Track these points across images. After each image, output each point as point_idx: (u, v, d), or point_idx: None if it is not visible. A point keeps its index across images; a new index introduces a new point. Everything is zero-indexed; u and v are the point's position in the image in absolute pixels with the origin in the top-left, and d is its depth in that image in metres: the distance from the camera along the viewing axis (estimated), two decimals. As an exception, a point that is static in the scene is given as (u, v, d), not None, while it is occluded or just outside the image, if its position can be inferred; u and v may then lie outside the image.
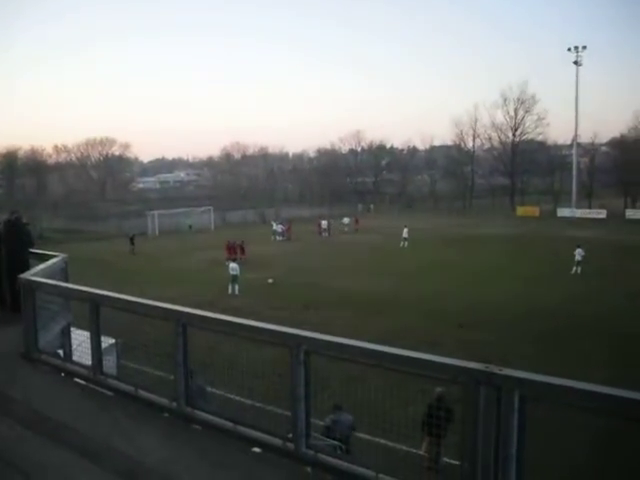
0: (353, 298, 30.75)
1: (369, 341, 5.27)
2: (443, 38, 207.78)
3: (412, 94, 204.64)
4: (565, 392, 4.07)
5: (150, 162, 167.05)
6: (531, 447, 4.40)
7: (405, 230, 52.68)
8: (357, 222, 67.97)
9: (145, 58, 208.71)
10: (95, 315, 7.56)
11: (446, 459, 9.31)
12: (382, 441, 6.36)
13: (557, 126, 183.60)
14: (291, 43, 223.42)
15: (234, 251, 43.39)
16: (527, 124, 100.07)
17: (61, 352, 9.39)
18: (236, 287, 33.64)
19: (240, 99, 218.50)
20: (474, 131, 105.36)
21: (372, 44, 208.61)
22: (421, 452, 10.45)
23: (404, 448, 8.28)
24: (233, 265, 34.50)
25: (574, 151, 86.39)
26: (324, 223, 64.52)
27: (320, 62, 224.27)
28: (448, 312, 27.26)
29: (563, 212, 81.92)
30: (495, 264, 40.51)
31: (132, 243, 53.19)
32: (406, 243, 51.79)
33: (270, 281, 35.67)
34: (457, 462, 4.84)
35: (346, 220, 68.78)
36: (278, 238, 60.04)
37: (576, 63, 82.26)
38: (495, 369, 4.29)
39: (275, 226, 62.56)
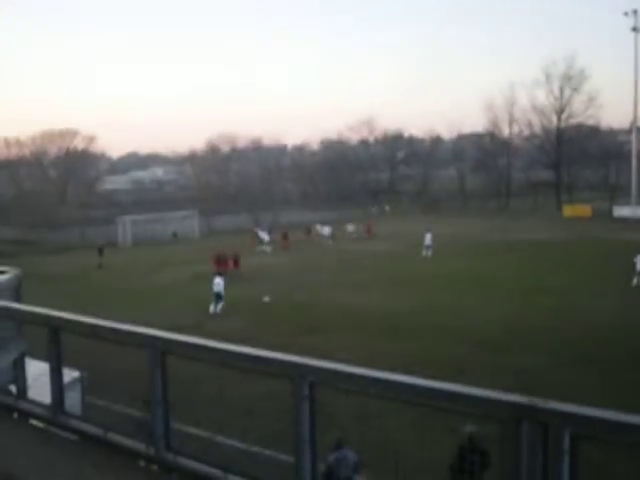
0: (362, 318, 30.78)
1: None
2: (469, 5, 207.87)
3: (435, 73, 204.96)
4: (628, 430, 4.03)
5: (120, 158, 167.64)
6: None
7: (428, 236, 52.68)
8: (369, 229, 67.78)
9: (112, 35, 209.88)
10: (55, 343, 7.49)
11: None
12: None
13: (612, 108, 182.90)
14: (288, 13, 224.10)
15: (225, 264, 43.50)
16: (575, 105, 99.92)
17: (13, 388, 9.35)
18: (219, 305, 34.01)
19: (228, 82, 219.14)
20: (510, 116, 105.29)
21: (385, 13, 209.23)
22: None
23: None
24: (217, 280, 34.72)
25: (633, 137, 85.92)
26: (326, 230, 64.78)
27: (323, 36, 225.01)
28: (481, 335, 27.24)
29: (621, 211, 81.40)
30: (538, 276, 40.42)
31: (100, 255, 53.31)
32: (429, 252, 51.86)
33: (266, 299, 35.78)
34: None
35: (350, 227, 68.70)
36: (266, 249, 60.47)
37: (635, 30, 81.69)
38: (540, 402, 4.24)
39: (261, 233, 62.95)
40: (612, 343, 25.53)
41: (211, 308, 34.01)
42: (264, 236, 62.47)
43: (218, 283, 34.53)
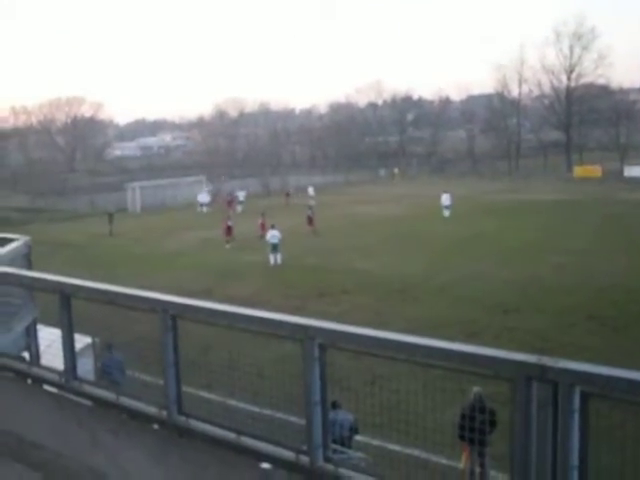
0: (375, 281, 30.82)
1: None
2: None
3: (442, 33, 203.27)
4: (638, 388, 4.03)
5: (128, 125, 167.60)
6: (597, 456, 4.38)
7: (445, 196, 52.93)
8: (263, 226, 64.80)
9: (116, 1, 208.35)
10: (66, 309, 7.51)
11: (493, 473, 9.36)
12: (415, 452, 6.35)
13: (623, 66, 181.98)
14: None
15: (228, 231, 43.49)
16: (585, 64, 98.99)
17: (27, 355, 9.41)
18: (278, 256, 36.16)
19: (235, 45, 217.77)
20: (520, 75, 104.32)
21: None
22: (460, 465, 10.49)
23: (443, 462, 8.31)
24: (274, 232, 36.51)
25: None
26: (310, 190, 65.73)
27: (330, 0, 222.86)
28: (494, 298, 27.26)
29: (631, 171, 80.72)
30: (551, 237, 40.30)
31: (110, 222, 53.30)
32: (448, 212, 52.14)
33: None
34: (506, 477, 4.83)
35: (311, 191, 69.02)
36: (203, 210, 63.20)
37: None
38: (549, 361, 4.24)
39: (200, 196, 65.51)
40: (625, 304, 25.50)
41: (271, 260, 36.08)
42: (203, 198, 66.05)
43: (274, 235, 36.29)
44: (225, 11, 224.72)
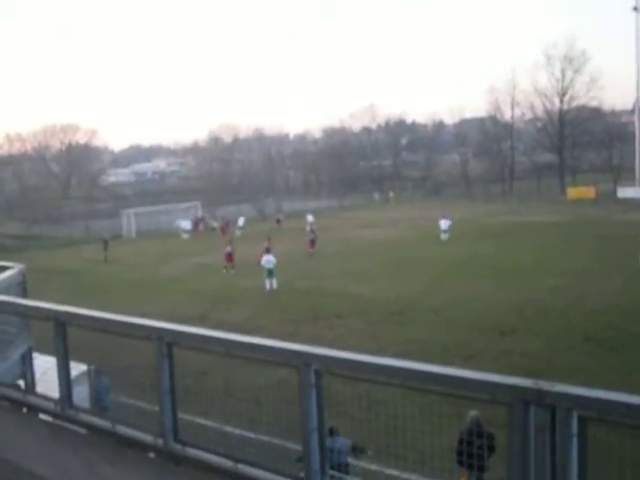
0: (370, 305, 30.78)
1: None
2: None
3: (436, 57, 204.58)
4: (636, 412, 4.02)
5: (123, 151, 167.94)
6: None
7: (444, 222, 53.30)
8: (224, 229, 65.67)
9: (111, 25, 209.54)
10: (61, 337, 7.50)
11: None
12: (413, 477, 6.34)
13: (614, 88, 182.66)
14: (289, 3, 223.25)
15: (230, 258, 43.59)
16: (577, 87, 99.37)
17: (22, 383, 9.39)
18: (273, 281, 35.96)
19: (229, 71, 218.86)
20: (512, 99, 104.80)
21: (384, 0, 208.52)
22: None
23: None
24: (268, 257, 36.60)
25: (636, 117, 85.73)
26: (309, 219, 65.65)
27: (324, 21, 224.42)
28: (490, 319, 27.24)
29: (625, 192, 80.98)
30: (546, 259, 40.34)
31: (105, 249, 53.28)
32: (446, 235, 52.51)
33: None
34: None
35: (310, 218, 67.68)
36: (184, 236, 63.82)
37: (636, 10, 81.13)
38: (546, 385, 4.23)
39: (183, 223, 66.25)
40: (619, 325, 25.45)
41: (267, 285, 35.96)
42: (185, 224, 67.19)
43: (269, 260, 36.34)
44: (220, 38, 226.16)
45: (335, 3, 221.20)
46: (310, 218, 67.00)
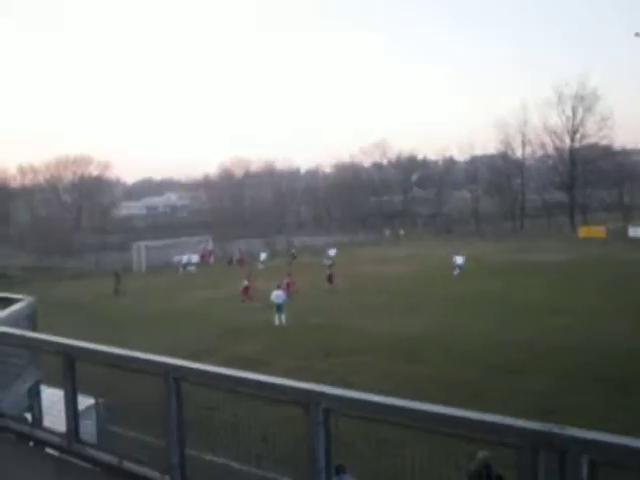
0: (379, 342, 30.68)
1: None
2: (480, 23, 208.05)
3: (446, 93, 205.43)
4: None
5: (135, 184, 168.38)
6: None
7: (458, 257, 54.54)
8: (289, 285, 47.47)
9: (124, 58, 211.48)
10: (70, 371, 7.51)
11: None
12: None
13: (625, 128, 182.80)
14: (298, 33, 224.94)
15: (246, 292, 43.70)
16: (588, 126, 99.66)
17: (29, 416, 9.36)
18: (282, 316, 36.11)
19: (238, 105, 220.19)
20: (523, 136, 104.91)
21: (395, 36, 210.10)
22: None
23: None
24: (278, 292, 37.05)
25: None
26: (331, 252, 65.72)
27: (336, 56, 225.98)
28: (498, 358, 27.08)
29: (636, 232, 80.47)
30: (557, 297, 40.15)
31: (117, 282, 53.33)
32: (458, 272, 53.43)
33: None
34: None
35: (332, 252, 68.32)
36: (190, 268, 64.09)
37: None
38: (556, 428, 4.19)
39: (185, 259, 67.06)
40: (630, 365, 25.25)
41: (276, 320, 36.08)
42: (188, 258, 68.20)
43: (278, 295, 36.74)
44: (232, 72, 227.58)
45: (346, 40, 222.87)
46: (331, 252, 67.10)
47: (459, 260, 54.49)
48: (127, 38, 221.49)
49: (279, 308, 36.34)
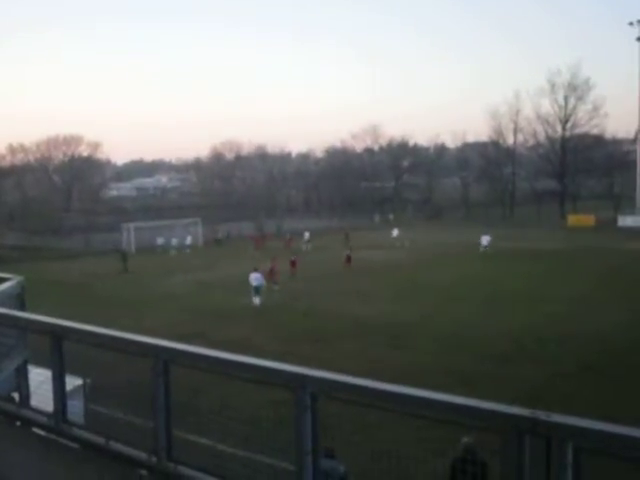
0: (368, 327, 30.71)
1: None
2: (475, 13, 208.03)
3: (439, 81, 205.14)
4: (632, 443, 3.98)
5: (125, 165, 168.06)
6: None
7: (484, 238, 59.01)
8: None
9: (117, 40, 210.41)
10: (57, 351, 7.45)
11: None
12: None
13: (617, 117, 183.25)
14: (293, 24, 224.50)
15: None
16: (580, 115, 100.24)
17: (16, 396, 9.32)
18: (258, 298, 36.92)
19: (231, 88, 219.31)
20: (515, 124, 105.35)
21: (390, 23, 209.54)
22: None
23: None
24: (256, 275, 37.45)
25: (638, 146, 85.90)
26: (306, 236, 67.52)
27: (328, 45, 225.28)
28: (487, 345, 27.15)
29: (625, 221, 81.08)
30: (545, 285, 40.27)
31: (125, 260, 54.22)
32: (485, 250, 57.74)
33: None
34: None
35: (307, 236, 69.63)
36: (187, 251, 63.09)
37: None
38: (542, 415, 4.19)
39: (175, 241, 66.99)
40: (620, 353, 25.35)
41: (255, 301, 36.76)
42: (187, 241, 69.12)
43: (256, 278, 37.27)
44: (225, 55, 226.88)
45: (342, 22, 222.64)
46: (306, 236, 67.69)
47: (485, 240, 58.51)
48: (119, 18, 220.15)
49: (256, 290, 36.92)
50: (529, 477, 4.24)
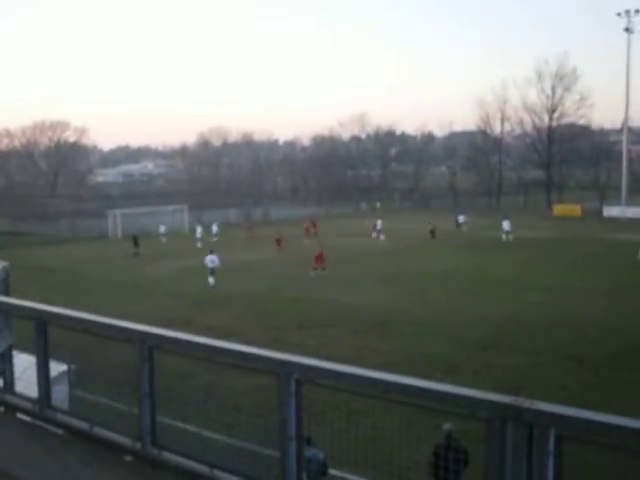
0: (357, 315, 30.76)
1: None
2: (461, 2, 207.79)
3: (427, 69, 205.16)
4: (613, 431, 4.02)
5: (111, 151, 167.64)
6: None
7: (505, 223, 58.58)
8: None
9: (103, 25, 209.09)
10: (42, 336, 7.43)
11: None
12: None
13: (603, 107, 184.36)
14: (281, 10, 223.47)
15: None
16: (567, 105, 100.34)
17: (0, 381, 9.30)
18: (212, 279, 38.61)
19: (219, 74, 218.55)
20: (502, 114, 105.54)
21: (378, 10, 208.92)
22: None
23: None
24: (212, 257, 39.33)
25: (624, 137, 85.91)
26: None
27: (316, 29, 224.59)
28: (472, 333, 27.23)
29: (610, 211, 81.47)
30: (530, 274, 40.36)
31: (136, 244, 55.10)
32: (510, 236, 57.53)
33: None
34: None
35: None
36: (198, 245, 61.31)
37: (628, 30, 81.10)
38: (525, 402, 4.22)
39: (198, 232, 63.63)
40: (602, 343, 25.48)
41: (210, 281, 38.44)
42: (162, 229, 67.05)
43: (212, 260, 38.97)
44: (213, 41, 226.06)
45: (334, 12, 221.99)
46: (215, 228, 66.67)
47: (506, 226, 58.04)
48: (105, 4, 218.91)
49: (212, 271, 38.70)
50: (511, 463, 4.28)
